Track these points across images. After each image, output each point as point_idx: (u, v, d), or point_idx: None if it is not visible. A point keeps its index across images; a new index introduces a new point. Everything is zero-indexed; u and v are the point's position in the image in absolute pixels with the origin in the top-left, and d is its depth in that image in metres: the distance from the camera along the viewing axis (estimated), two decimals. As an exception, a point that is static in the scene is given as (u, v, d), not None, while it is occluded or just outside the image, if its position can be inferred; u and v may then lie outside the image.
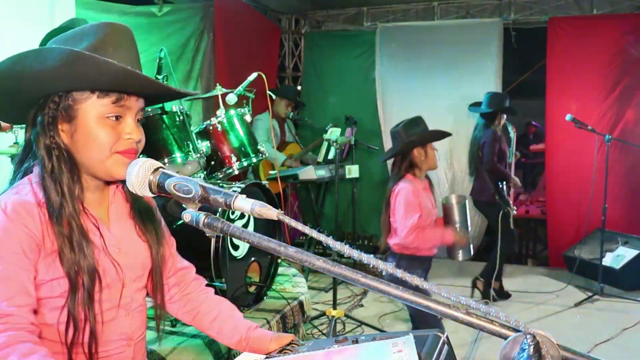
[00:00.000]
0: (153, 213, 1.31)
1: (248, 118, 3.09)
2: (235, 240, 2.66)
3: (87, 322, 1.09)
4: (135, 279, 1.23)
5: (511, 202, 4.39)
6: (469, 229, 2.81)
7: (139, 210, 1.26)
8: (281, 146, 5.18)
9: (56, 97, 1.08)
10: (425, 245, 2.73)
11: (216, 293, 1.43)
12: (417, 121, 2.86)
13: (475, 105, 4.69)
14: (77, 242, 1.07)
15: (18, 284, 1.01)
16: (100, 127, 1.09)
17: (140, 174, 0.95)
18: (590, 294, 4.41)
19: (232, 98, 3.09)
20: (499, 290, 4.49)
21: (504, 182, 4.33)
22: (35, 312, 1.05)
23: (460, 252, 2.86)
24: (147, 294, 1.31)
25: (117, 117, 1.11)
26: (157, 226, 1.29)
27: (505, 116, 4.45)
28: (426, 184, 2.87)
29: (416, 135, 2.76)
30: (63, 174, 1.09)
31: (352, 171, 4.84)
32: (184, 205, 0.92)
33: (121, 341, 1.19)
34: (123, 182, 1.04)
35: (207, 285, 1.44)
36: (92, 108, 1.09)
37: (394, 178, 2.83)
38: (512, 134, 4.63)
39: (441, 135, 2.91)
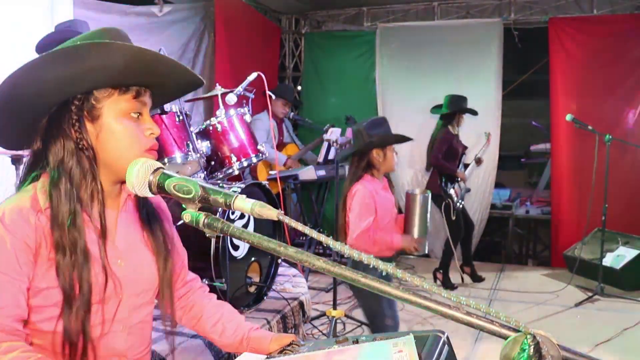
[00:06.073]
0: (163, 224, 1.26)
1: (248, 118, 3.09)
2: (235, 241, 2.66)
3: (80, 335, 1.05)
4: (138, 294, 1.17)
5: (454, 195, 4.71)
6: (429, 223, 2.78)
7: (149, 220, 1.22)
8: (279, 147, 5.18)
9: (76, 100, 1.07)
10: (372, 249, 2.65)
11: (217, 294, 1.43)
12: (380, 122, 2.83)
13: (437, 107, 5.05)
14: (76, 254, 1.03)
15: (6, 295, 1.00)
16: (126, 125, 1.09)
17: (141, 174, 0.95)
18: (590, 294, 4.40)
19: (232, 98, 3.09)
20: (444, 280, 4.83)
21: (448, 177, 4.72)
22: (26, 322, 1.05)
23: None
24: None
25: (138, 115, 1.11)
26: (166, 238, 1.24)
27: (463, 117, 4.87)
28: (385, 183, 2.84)
29: (376, 137, 2.72)
30: (86, 179, 1.07)
31: (352, 171, 4.83)
32: (183, 206, 0.92)
33: (115, 357, 1.14)
34: None
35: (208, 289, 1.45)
36: (115, 105, 1.08)
37: (351, 177, 2.78)
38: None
39: (402, 139, 2.87)
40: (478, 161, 5.18)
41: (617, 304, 4.29)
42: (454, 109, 4.76)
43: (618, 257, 4.67)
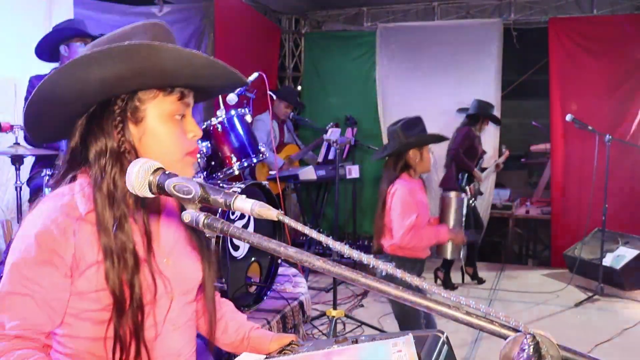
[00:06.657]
0: None
1: (248, 118, 3.09)
2: (235, 241, 2.66)
3: (133, 339, 1.02)
4: (185, 292, 1.15)
5: (469, 192, 4.68)
6: (463, 226, 2.78)
7: None
8: (279, 147, 5.17)
9: (119, 100, 1.03)
10: (421, 245, 2.68)
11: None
12: (416, 122, 2.81)
13: (463, 109, 5.09)
14: (125, 259, 1.00)
15: (25, 309, 0.97)
16: (170, 128, 1.06)
17: (141, 175, 0.93)
18: (590, 294, 4.41)
19: (232, 98, 3.09)
20: (444, 280, 4.84)
21: (466, 174, 4.76)
22: (51, 333, 1.02)
23: (450, 249, 2.82)
24: None
25: (182, 116, 1.08)
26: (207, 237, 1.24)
27: (487, 125, 4.92)
28: (421, 183, 2.84)
29: (414, 137, 2.71)
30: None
31: (352, 171, 4.84)
32: (184, 206, 0.92)
33: (170, 357, 1.12)
34: None
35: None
36: (160, 107, 1.05)
37: (389, 178, 2.77)
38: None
39: (439, 138, 2.89)
40: (497, 166, 5.22)
41: (617, 304, 4.29)
42: (481, 112, 4.81)
43: (618, 257, 4.67)
